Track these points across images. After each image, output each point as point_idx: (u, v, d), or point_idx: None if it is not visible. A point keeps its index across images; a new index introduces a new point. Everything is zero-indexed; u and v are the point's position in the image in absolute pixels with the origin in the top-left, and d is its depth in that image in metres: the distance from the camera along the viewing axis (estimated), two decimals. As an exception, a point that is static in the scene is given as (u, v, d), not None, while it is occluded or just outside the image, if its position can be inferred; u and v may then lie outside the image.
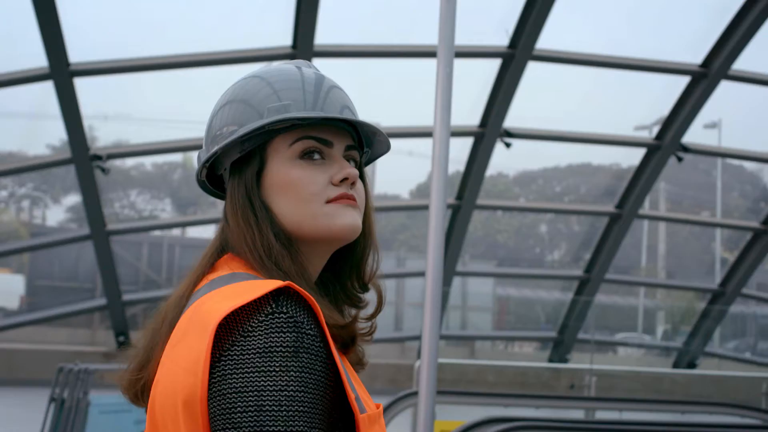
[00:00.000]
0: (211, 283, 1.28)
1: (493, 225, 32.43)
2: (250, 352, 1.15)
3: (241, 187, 1.33)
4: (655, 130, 10.81)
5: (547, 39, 9.04)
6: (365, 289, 1.42)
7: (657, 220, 27.20)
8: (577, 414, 7.49)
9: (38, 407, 7.37)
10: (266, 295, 1.18)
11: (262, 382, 1.13)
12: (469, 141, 10.11)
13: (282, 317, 1.16)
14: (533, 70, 9.36)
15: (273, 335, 1.15)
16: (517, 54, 9.03)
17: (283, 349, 1.14)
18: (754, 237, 11.88)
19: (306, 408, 1.13)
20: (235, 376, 1.14)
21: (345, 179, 1.32)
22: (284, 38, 8.55)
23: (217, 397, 1.14)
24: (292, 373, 1.14)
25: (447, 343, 15.22)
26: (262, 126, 1.31)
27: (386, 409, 6.28)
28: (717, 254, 27.15)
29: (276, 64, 1.42)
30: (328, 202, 1.31)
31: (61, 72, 7.99)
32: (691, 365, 13.46)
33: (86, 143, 8.78)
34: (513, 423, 4.15)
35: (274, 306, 1.17)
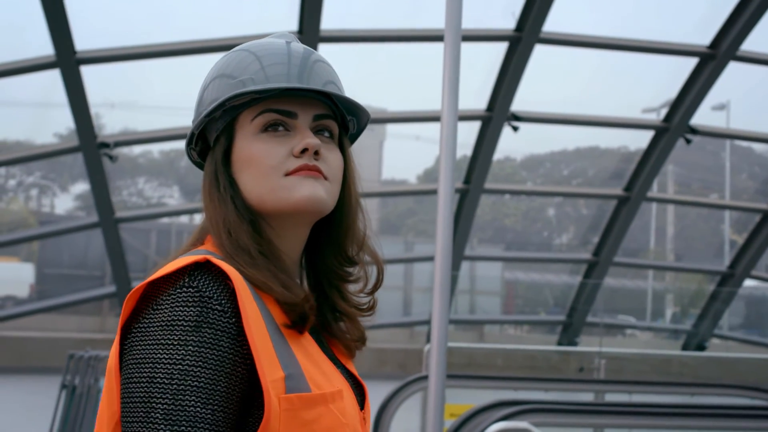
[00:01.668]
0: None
1: (501, 209, 32.40)
2: (154, 325, 1.14)
3: (211, 165, 1.32)
4: (663, 112, 10.76)
5: (554, 22, 9.01)
6: (351, 263, 1.38)
7: (665, 203, 27.15)
8: (587, 396, 7.49)
9: (50, 394, 7.41)
10: (183, 268, 1.18)
11: (158, 355, 1.12)
12: (476, 125, 10.08)
13: (190, 291, 1.15)
14: (540, 53, 9.33)
15: (177, 309, 1.14)
16: (524, 37, 8.99)
17: (185, 323, 1.13)
18: (763, 218, 11.84)
19: (201, 383, 1.11)
20: (137, 347, 1.14)
21: (305, 150, 1.28)
22: (290, 23, 8.53)
23: (123, 368, 1.15)
24: (190, 347, 1.12)
25: (456, 327, 15.24)
26: (222, 102, 1.29)
27: (396, 393, 6.30)
28: (726, 236, 27.09)
29: (266, 39, 1.38)
30: (288, 174, 1.27)
31: (67, 60, 7.98)
32: (700, 347, 13.45)
33: (93, 131, 8.78)
34: (523, 406, 4.16)
35: (186, 280, 1.16)
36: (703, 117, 10.56)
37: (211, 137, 1.34)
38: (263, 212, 1.29)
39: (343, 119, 1.39)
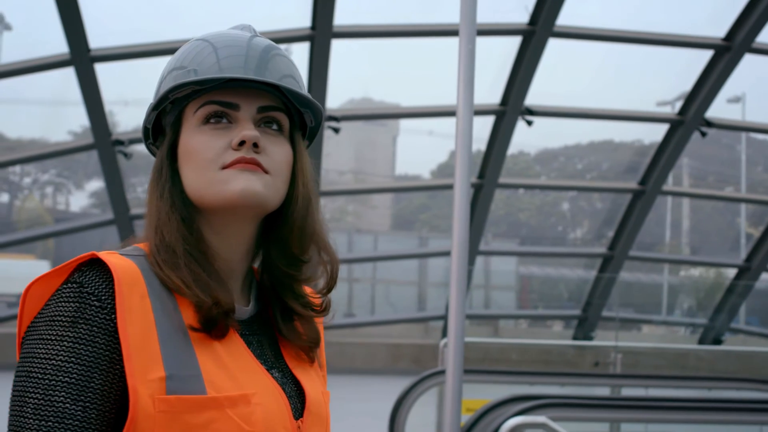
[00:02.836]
0: None
1: (515, 203, 32.35)
2: (40, 321, 1.14)
3: (157, 159, 1.30)
4: (678, 105, 10.70)
5: (568, 15, 8.97)
6: (298, 262, 1.32)
7: (680, 196, 27.02)
8: (603, 391, 7.47)
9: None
10: (76, 265, 1.17)
11: (37, 350, 1.12)
12: (490, 119, 10.06)
13: (72, 287, 1.15)
14: (554, 46, 9.29)
15: (60, 304, 1.14)
16: (538, 31, 8.96)
17: (63, 319, 1.13)
18: (780, 211, 11.77)
19: (73, 380, 1.10)
20: (25, 343, 1.15)
21: (244, 143, 1.23)
22: (303, 20, 8.53)
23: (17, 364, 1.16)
24: (65, 342, 1.11)
25: (471, 322, 15.22)
26: (165, 95, 1.27)
27: (411, 388, 6.30)
28: (742, 229, 26.96)
29: (229, 30, 1.34)
30: (225, 167, 1.23)
31: (81, 58, 8.01)
32: (717, 341, 13.39)
33: (108, 129, 8.81)
34: (540, 400, 4.15)
35: (75, 276, 1.16)
36: (718, 109, 10.48)
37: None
38: (203, 207, 1.26)
39: (301, 115, 1.36)
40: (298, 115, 1.35)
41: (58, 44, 7.98)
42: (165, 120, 1.31)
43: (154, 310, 1.16)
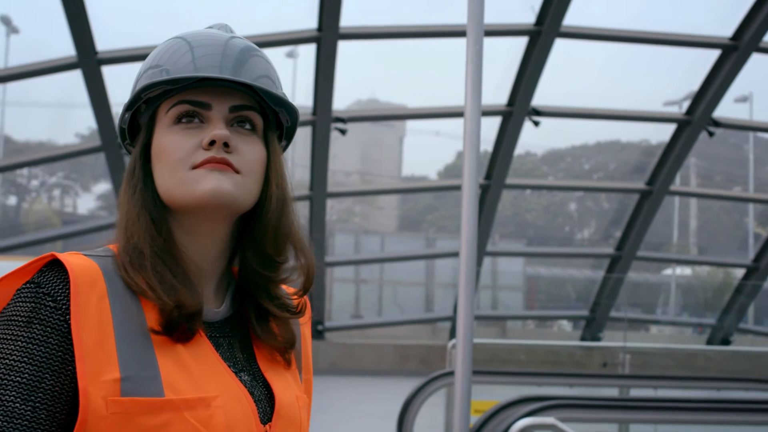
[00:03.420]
0: None
1: (522, 204, 32.32)
2: (1, 320, 1.14)
3: (131, 159, 1.29)
4: (685, 105, 10.69)
5: (574, 15, 8.96)
6: (272, 264, 1.29)
7: (688, 196, 26.97)
8: (612, 392, 7.45)
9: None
10: (38, 265, 1.16)
11: None
12: (497, 120, 10.05)
13: (30, 287, 1.14)
14: (560, 46, 9.28)
15: (17, 305, 1.13)
16: (544, 31, 8.95)
17: (19, 319, 1.12)
18: (788, 211, 11.73)
19: (24, 380, 1.09)
20: None
21: (214, 142, 1.21)
22: (309, 21, 8.54)
23: None
24: (18, 342, 1.11)
25: (479, 323, 15.21)
26: (138, 95, 1.26)
27: (420, 389, 6.29)
28: (750, 229, 26.88)
29: (207, 29, 1.32)
30: (195, 167, 1.21)
31: (89, 61, 8.03)
32: (725, 342, 13.36)
33: (115, 131, 8.82)
34: (549, 402, 4.14)
35: (35, 276, 1.15)
36: (725, 109, 10.48)
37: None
38: (174, 208, 1.24)
39: (277, 115, 1.33)
40: (274, 116, 1.33)
41: (65, 47, 8.01)
42: (141, 119, 1.30)
43: (113, 311, 1.15)
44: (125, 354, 1.13)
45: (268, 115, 1.31)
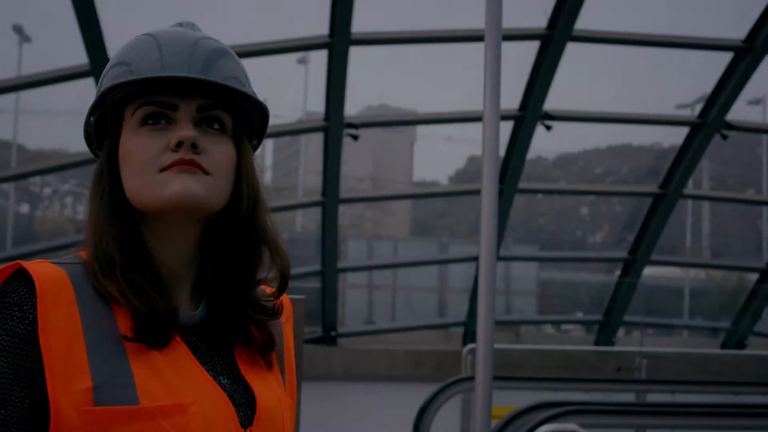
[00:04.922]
0: None
1: (534, 208, 32.26)
2: None
3: (98, 164, 1.26)
4: (698, 108, 10.65)
5: (586, 19, 8.94)
6: (246, 265, 1.27)
7: (701, 199, 26.85)
8: (628, 396, 7.41)
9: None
10: (4, 275, 1.14)
11: None
12: (509, 125, 10.03)
13: None
14: (572, 50, 9.26)
15: None
16: (556, 35, 8.93)
17: None
18: (803, 213, 11.67)
19: None
20: None
21: (181, 143, 1.18)
22: (321, 27, 8.54)
23: None
24: None
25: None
26: (102, 97, 1.24)
27: (436, 395, 6.27)
28: (764, 232, 26.75)
29: (177, 28, 1.29)
30: (163, 170, 1.18)
31: (101, 69, 8.04)
32: (740, 345, 13.28)
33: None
34: (568, 407, 4.12)
35: (1, 286, 1.13)
36: (738, 112, 10.42)
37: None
38: (143, 212, 1.21)
39: (247, 115, 1.30)
40: (244, 115, 1.30)
41: (77, 55, 8.03)
42: (108, 122, 1.27)
43: (82, 319, 1.12)
44: (97, 362, 1.11)
45: (238, 114, 1.28)
